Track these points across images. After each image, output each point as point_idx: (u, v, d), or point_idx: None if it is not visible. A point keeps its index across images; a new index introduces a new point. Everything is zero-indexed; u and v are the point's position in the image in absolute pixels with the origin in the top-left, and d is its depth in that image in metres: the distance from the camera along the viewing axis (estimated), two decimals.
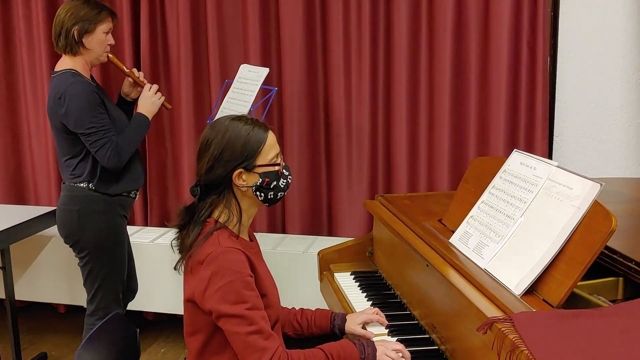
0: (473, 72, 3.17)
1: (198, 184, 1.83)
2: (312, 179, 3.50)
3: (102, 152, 2.63)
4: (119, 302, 2.91)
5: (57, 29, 2.67)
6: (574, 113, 3.17)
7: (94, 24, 2.66)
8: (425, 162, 3.30)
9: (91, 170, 2.71)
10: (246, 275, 1.72)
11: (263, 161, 1.80)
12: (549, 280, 1.63)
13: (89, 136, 2.62)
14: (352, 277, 2.49)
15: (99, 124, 2.62)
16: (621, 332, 1.40)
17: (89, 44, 2.68)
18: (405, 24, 3.18)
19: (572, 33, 3.10)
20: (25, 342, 3.63)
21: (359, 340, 1.84)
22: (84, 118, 2.60)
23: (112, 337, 1.90)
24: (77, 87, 2.61)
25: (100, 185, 2.72)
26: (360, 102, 3.33)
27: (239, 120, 1.81)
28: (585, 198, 1.63)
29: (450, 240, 2.04)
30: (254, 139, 1.79)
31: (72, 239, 2.76)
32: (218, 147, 1.77)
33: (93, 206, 2.72)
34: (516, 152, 1.98)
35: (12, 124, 3.86)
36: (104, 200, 2.73)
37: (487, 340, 1.50)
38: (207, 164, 1.78)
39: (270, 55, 3.45)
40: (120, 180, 2.76)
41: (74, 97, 2.59)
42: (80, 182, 2.72)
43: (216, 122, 1.83)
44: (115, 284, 2.85)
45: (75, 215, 2.72)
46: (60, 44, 2.68)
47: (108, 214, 2.75)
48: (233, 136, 1.78)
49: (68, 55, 2.69)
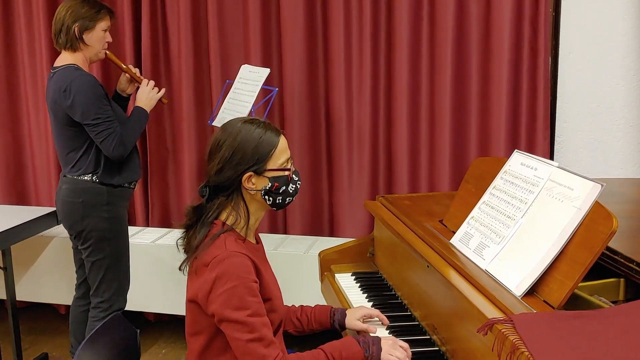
0: (474, 72, 3.16)
1: (207, 185, 1.83)
2: (313, 180, 3.49)
3: (107, 141, 2.71)
4: (124, 296, 2.97)
5: (58, 26, 2.76)
6: (575, 113, 3.17)
7: (94, 21, 2.76)
8: (426, 162, 3.30)
9: (95, 162, 2.78)
10: (250, 280, 1.72)
11: (273, 165, 1.80)
12: (550, 281, 1.63)
13: (95, 127, 2.69)
14: (353, 277, 2.49)
15: (104, 114, 2.70)
16: (622, 333, 1.40)
17: (89, 41, 2.77)
18: (407, 24, 3.18)
19: (574, 33, 3.10)
20: (26, 342, 3.63)
21: (363, 338, 1.82)
22: (90, 109, 2.67)
23: (112, 338, 1.90)
24: (82, 80, 2.69)
25: (104, 177, 2.79)
26: (361, 102, 3.33)
27: (251, 123, 1.80)
28: (586, 199, 1.63)
29: (451, 241, 2.03)
30: (266, 142, 1.78)
31: (76, 230, 2.84)
32: (229, 149, 1.77)
33: (97, 198, 2.79)
34: (517, 153, 1.98)
35: (13, 125, 3.86)
36: (107, 191, 2.81)
37: (488, 341, 1.50)
38: (218, 165, 1.77)
39: (271, 55, 3.45)
40: (122, 171, 2.84)
41: (80, 89, 2.66)
42: (84, 175, 2.78)
43: (228, 124, 1.83)
44: (118, 275, 2.91)
45: (80, 207, 2.79)
46: (61, 40, 2.77)
47: (111, 205, 2.82)
48: (245, 139, 1.77)
49: (68, 51, 2.78)
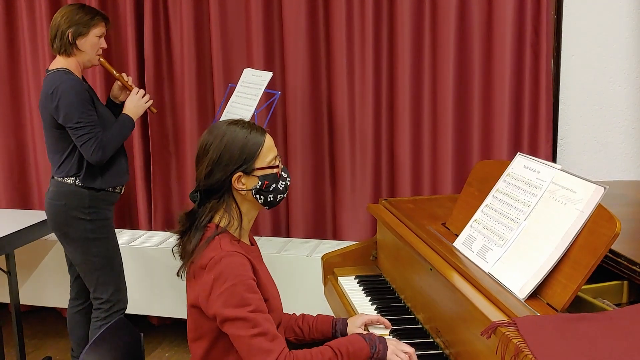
0: (476, 75, 3.16)
1: (198, 190, 1.84)
2: (315, 183, 3.50)
3: (87, 145, 2.74)
4: (123, 296, 2.99)
5: (53, 32, 2.81)
6: (578, 116, 3.17)
7: (87, 27, 2.80)
8: (428, 165, 3.30)
9: (77, 165, 2.82)
10: (249, 278, 1.72)
11: (262, 164, 1.81)
12: (553, 284, 1.63)
13: (76, 130, 2.73)
14: (356, 281, 2.49)
15: (86, 119, 2.74)
16: (626, 336, 1.40)
17: (82, 46, 2.81)
18: (409, 28, 3.18)
19: (576, 35, 3.10)
20: (29, 346, 3.63)
21: (369, 335, 1.82)
22: (73, 112, 2.72)
23: (116, 342, 1.90)
24: (68, 84, 2.73)
25: (86, 180, 2.83)
26: (364, 105, 3.33)
27: (236, 124, 1.83)
28: (589, 201, 1.63)
29: (454, 244, 2.03)
30: (252, 142, 1.80)
31: (60, 231, 2.87)
32: (216, 151, 1.78)
33: (78, 201, 2.83)
34: (520, 156, 1.97)
35: (16, 129, 3.87)
36: (89, 195, 2.83)
37: (491, 344, 1.50)
38: (206, 168, 1.79)
39: (274, 59, 3.45)
40: (104, 175, 2.87)
41: (65, 93, 2.71)
42: (67, 177, 2.82)
43: (213, 127, 1.85)
44: (112, 275, 2.93)
45: (62, 209, 2.83)
46: (56, 45, 2.82)
47: (93, 208, 2.85)
48: (231, 140, 1.79)
49: (62, 56, 2.83)
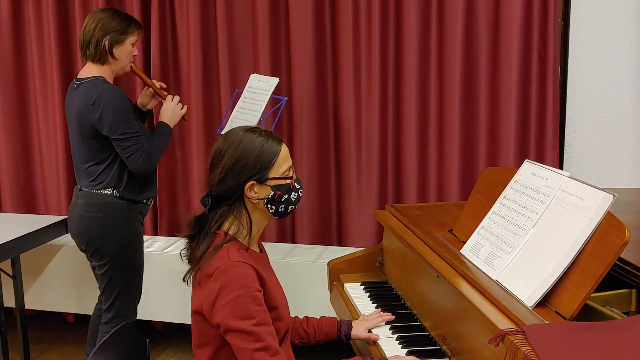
0: (483, 82, 3.16)
1: (209, 194, 1.82)
2: (321, 189, 3.49)
3: (134, 157, 2.66)
4: (135, 310, 2.93)
5: (87, 38, 2.70)
6: (585, 123, 3.16)
7: (124, 35, 2.72)
8: (435, 172, 3.29)
9: (118, 176, 2.73)
10: (255, 290, 1.71)
11: (276, 174, 1.80)
12: (562, 292, 1.62)
13: (123, 141, 2.65)
14: (362, 287, 2.48)
15: (132, 129, 2.66)
16: (635, 345, 1.39)
17: (118, 55, 2.74)
18: (415, 33, 3.18)
19: (583, 42, 3.09)
20: (34, 351, 3.63)
21: (371, 358, 1.83)
22: (119, 123, 2.63)
23: (121, 347, 1.90)
24: (111, 93, 2.65)
25: (126, 192, 2.74)
26: (370, 111, 3.33)
27: (252, 132, 1.81)
28: (598, 209, 1.62)
29: (461, 251, 2.02)
30: (268, 151, 1.79)
31: (94, 246, 2.75)
32: (231, 158, 1.77)
33: (117, 213, 2.73)
34: (527, 163, 1.97)
35: (23, 134, 3.87)
36: (128, 207, 2.75)
37: (499, 352, 1.49)
38: (220, 174, 1.77)
39: (280, 64, 3.46)
40: (143, 187, 2.80)
41: (108, 103, 2.62)
42: (104, 189, 2.72)
43: (230, 133, 1.83)
44: (133, 291, 2.88)
45: (99, 222, 2.72)
46: (89, 52, 2.72)
47: (130, 221, 2.77)
48: (247, 148, 1.77)
49: (96, 64, 2.73)
